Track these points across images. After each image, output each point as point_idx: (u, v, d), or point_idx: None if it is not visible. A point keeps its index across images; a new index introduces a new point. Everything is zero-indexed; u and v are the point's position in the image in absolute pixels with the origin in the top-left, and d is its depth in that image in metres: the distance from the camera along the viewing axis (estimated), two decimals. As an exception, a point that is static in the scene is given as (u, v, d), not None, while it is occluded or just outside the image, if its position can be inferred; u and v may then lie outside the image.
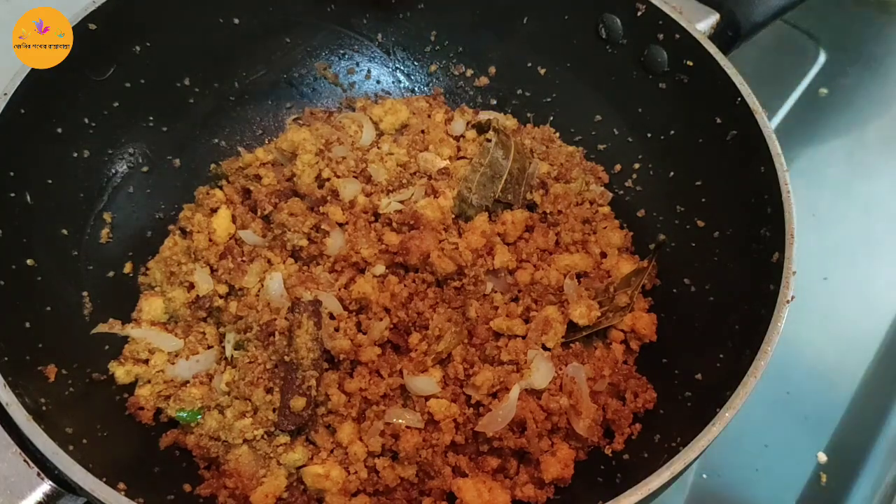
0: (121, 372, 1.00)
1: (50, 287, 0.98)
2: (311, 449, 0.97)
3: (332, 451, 0.96)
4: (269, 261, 1.08)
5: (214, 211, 1.14)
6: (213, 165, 1.22)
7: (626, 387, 1.02)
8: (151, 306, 1.06)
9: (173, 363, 1.02)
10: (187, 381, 1.01)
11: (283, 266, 1.07)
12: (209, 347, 1.04)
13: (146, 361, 1.02)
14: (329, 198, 1.11)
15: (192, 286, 1.07)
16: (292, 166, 1.12)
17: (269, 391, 0.96)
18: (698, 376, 0.96)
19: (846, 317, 1.29)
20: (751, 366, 0.83)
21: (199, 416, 0.98)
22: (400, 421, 0.95)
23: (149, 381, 1.01)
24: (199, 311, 1.05)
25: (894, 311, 1.29)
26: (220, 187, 1.19)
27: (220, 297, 1.05)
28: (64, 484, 0.79)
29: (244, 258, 1.09)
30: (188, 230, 1.13)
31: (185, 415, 0.98)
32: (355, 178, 1.14)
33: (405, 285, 1.04)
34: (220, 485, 0.94)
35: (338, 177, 1.13)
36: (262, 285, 1.05)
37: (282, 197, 1.12)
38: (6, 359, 0.83)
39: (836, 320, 1.28)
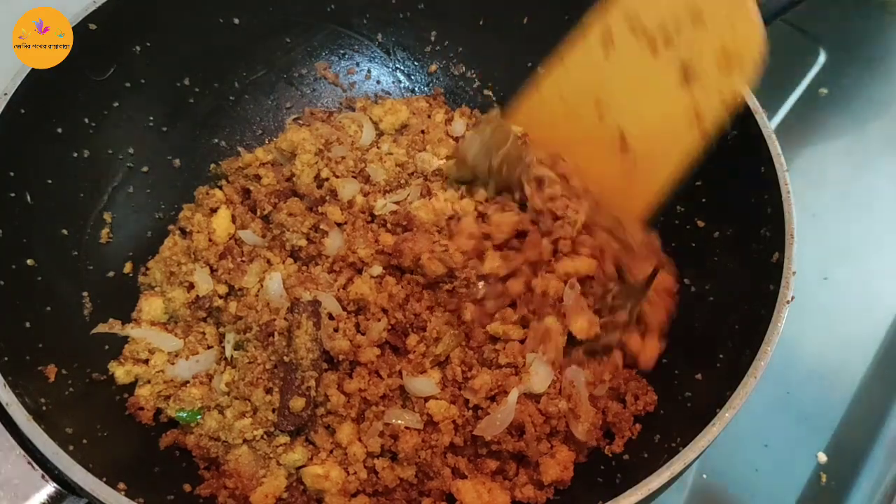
0: (121, 372, 1.00)
1: (50, 287, 0.98)
2: (310, 449, 0.97)
3: (331, 452, 0.96)
4: (268, 261, 1.08)
5: (214, 211, 1.14)
6: (212, 165, 1.22)
7: (627, 389, 1.01)
8: (151, 306, 1.06)
9: (173, 363, 1.02)
10: (187, 382, 1.01)
11: (283, 266, 1.07)
12: (209, 347, 1.04)
13: (146, 361, 1.02)
14: (328, 198, 1.11)
15: (191, 286, 1.07)
16: (291, 166, 1.12)
17: (268, 391, 0.96)
18: (698, 376, 0.96)
19: (846, 317, 1.29)
20: (751, 366, 0.83)
21: (199, 417, 0.98)
22: (399, 422, 0.95)
23: (149, 382, 1.01)
24: (199, 311, 1.05)
25: (894, 311, 1.29)
26: (220, 187, 1.19)
27: (220, 297, 1.05)
28: (67, 485, 0.79)
29: (244, 258, 1.09)
30: (188, 230, 1.13)
31: (184, 415, 0.98)
32: (354, 178, 1.14)
33: (402, 286, 1.04)
34: (220, 485, 0.94)
35: (337, 177, 1.13)
36: (262, 285, 1.05)
37: (281, 197, 1.12)
38: (6, 359, 0.84)
39: (836, 320, 1.28)
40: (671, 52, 1.01)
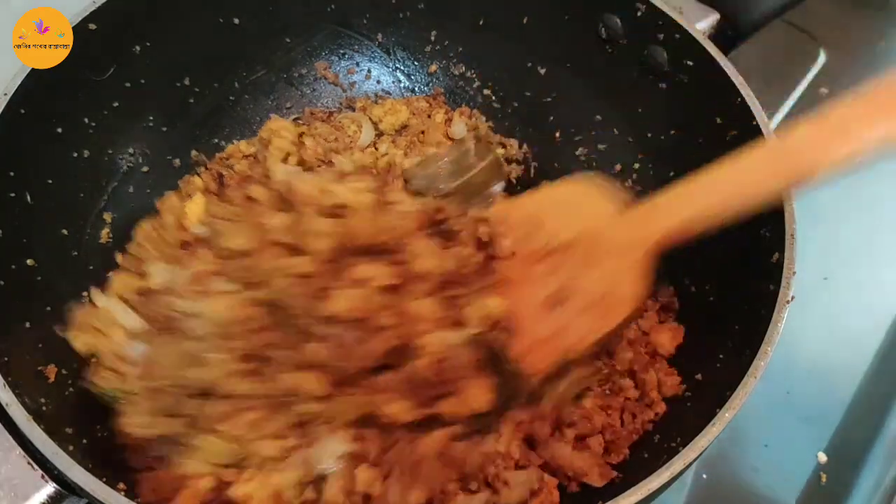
0: (79, 343, 0.95)
1: (50, 287, 0.97)
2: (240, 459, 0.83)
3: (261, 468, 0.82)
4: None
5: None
6: (194, 152, 1.20)
7: (624, 407, 0.97)
8: (121, 282, 1.02)
9: (129, 343, 0.94)
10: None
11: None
12: None
13: (104, 334, 0.96)
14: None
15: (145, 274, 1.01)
16: (266, 153, 1.12)
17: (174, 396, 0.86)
18: (698, 376, 0.96)
19: (846, 317, 1.29)
20: (751, 366, 0.83)
21: (119, 398, 0.90)
22: (322, 466, 0.78)
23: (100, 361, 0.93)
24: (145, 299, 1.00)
25: (894, 311, 1.29)
26: (200, 174, 1.19)
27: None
28: (67, 485, 0.79)
29: None
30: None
31: (102, 392, 0.91)
32: (319, 167, 1.13)
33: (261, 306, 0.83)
34: (146, 477, 0.85)
35: (304, 161, 1.10)
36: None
37: (253, 184, 1.10)
38: (6, 359, 0.83)
39: (836, 320, 1.28)
40: (549, 270, 0.92)
